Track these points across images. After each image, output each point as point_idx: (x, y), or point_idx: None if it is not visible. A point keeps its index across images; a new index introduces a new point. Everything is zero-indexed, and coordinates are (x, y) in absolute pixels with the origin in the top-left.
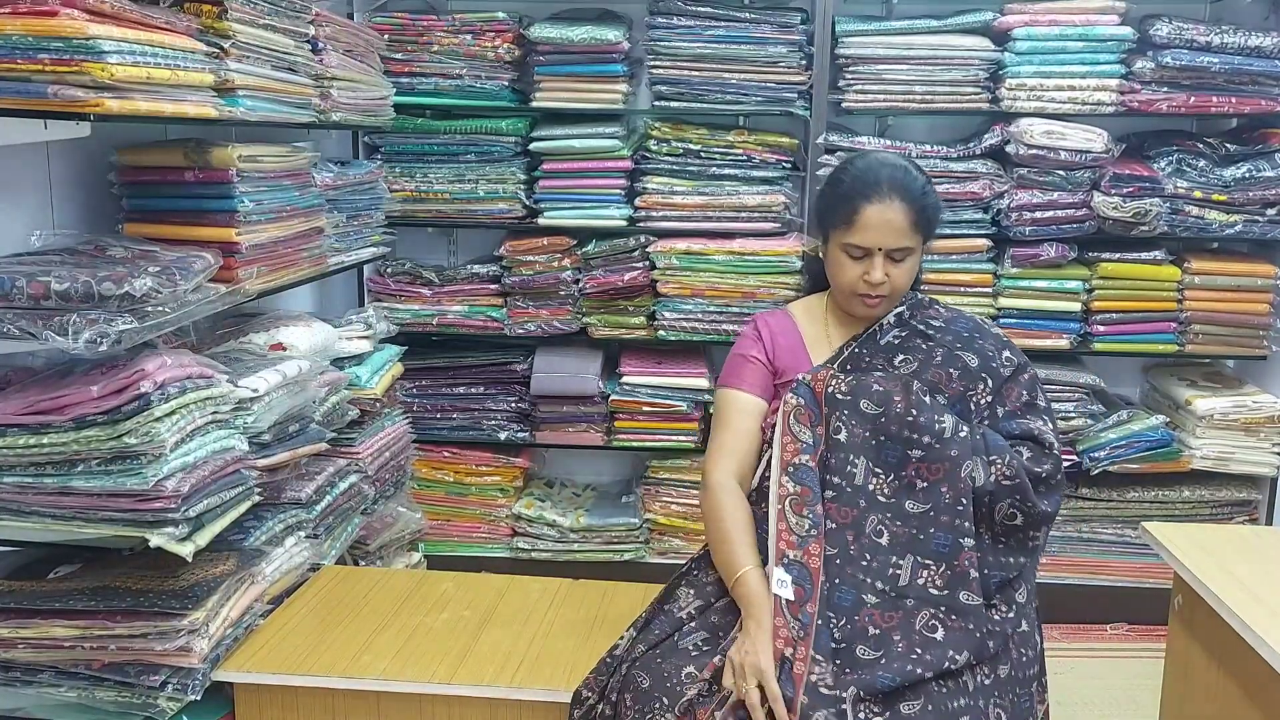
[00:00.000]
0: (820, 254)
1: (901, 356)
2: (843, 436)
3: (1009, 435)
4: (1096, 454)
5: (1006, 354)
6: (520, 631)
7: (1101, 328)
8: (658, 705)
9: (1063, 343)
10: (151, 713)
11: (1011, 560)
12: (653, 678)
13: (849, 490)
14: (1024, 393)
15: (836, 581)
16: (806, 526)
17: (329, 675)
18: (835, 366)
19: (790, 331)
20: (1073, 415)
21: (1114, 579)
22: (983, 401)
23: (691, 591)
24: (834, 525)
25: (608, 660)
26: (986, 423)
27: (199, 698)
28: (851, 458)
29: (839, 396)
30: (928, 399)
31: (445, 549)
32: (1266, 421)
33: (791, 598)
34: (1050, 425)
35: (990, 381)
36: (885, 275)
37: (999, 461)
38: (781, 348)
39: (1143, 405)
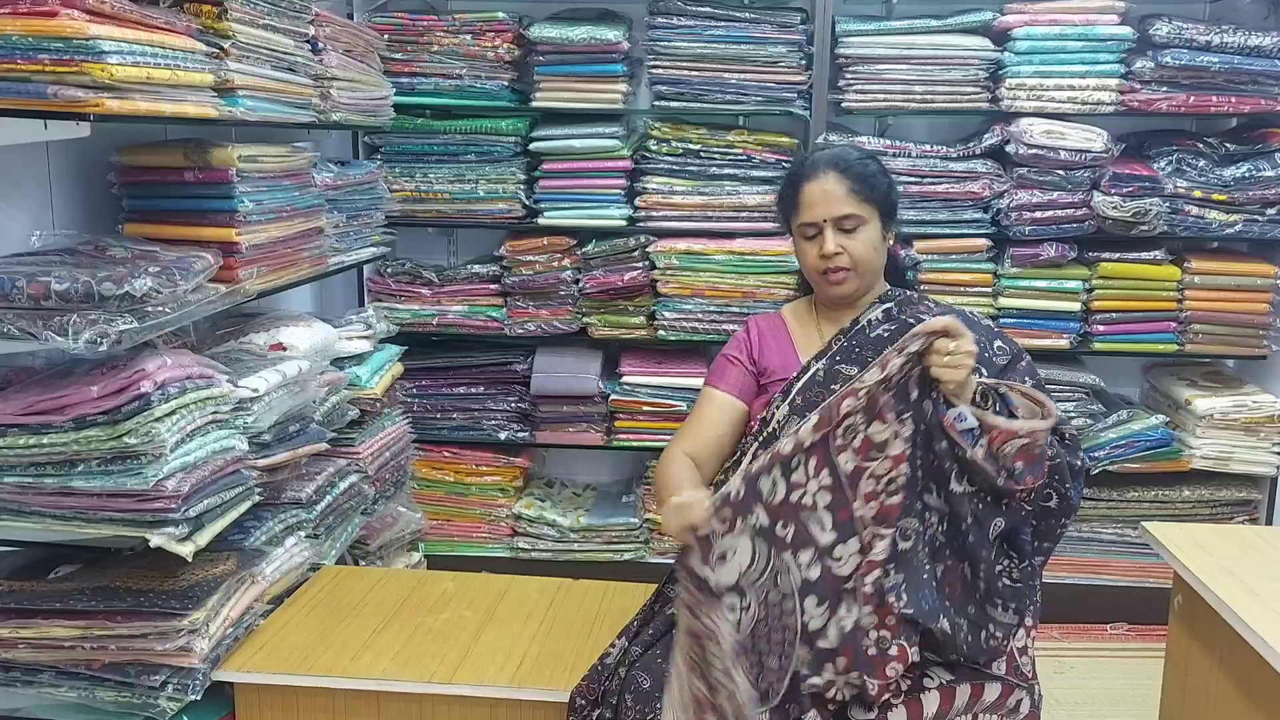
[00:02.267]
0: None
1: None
2: None
3: None
4: (1096, 454)
5: (998, 344)
6: (520, 631)
7: (1101, 327)
8: (659, 705)
9: (1063, 342)
10: (152, 713)
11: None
12: (654, 678)
13: None
14: (1026, 379)
15: None
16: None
17: (329, 675)
18: (825, 360)
19: (779, 332)
20: (1073, 415)
21: (1114, 579)
22: None
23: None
24: None
25: (599, 667)
26: None
27: (199, 698)
28: None
29: None
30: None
31: (445, 549)
32: (1266, 421)
33: (974, 425)
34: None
35: (984, 372)
36: (839, 247)
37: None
38: (769, 348)
39: (1143, 405)
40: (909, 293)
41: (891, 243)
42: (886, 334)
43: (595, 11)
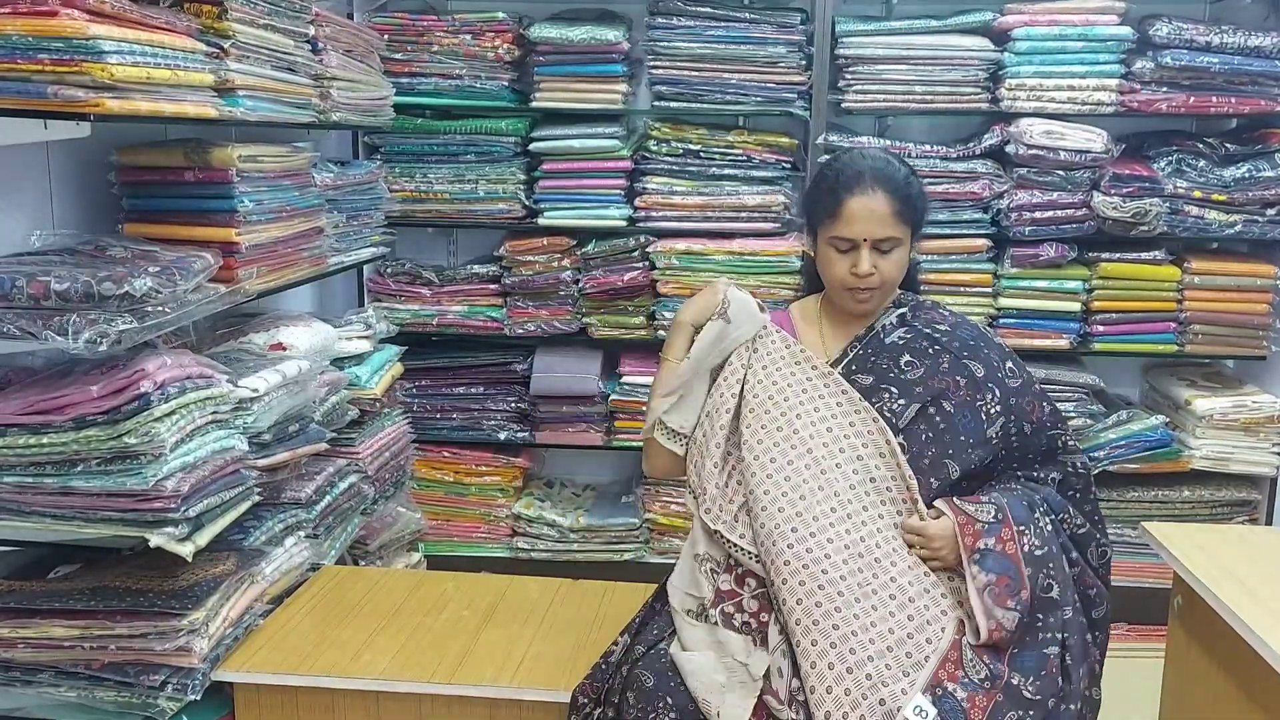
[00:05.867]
0: (811, 253)
1: (907, 358)
2: None
3: (1041, 450)
4: (1096, 454)
5: (1010, 365)
6: (520, 631)
7: (1101, 328)
8: (661, 705)
9: (1062, 343)
10: (151, 713)
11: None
12: (657, 676)
13: None
14: (1044, 404)
15: None
16: None
17: (329, 675)
18: (841, 369)
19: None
20: (1073, 415)
21: (1114, 579)
22: (992, 411)
23: None
24: None
25: (602, 665)
26: (1014, 438)
27: (199, 698)
28: None
29: None
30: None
31: (445, 549)
32: (1266, 421)
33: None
34: (1071, 430)
35: (998, 392)
36: (873, 267)
37: (1065, 518)
38: None
39: (1143, 405)
40: (920, 298)
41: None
42: (901, 341)
43: (595, 11)
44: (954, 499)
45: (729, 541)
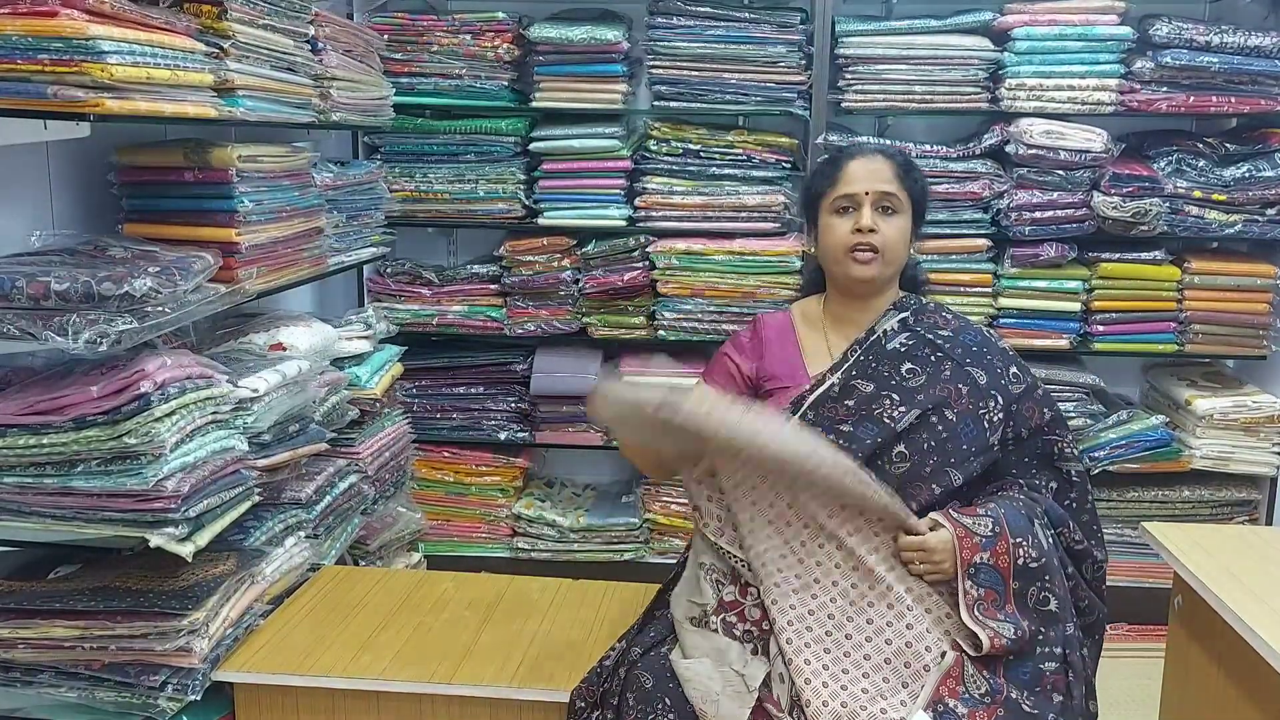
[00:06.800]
0: (811, 248)
1: (909, 365)
2: None
3: (1036, 454)
4: (1096, 454)
5: (1014, 370)
6: (520, 631)
7: (1101, 328)
8: (660, 705)
9: (1062, 343)
10: (151, 713)
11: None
12: (656, 678)
13: None
14: (1046, 410)
15: None
16: None
17: (329, 675)
18: (841, 374)
19: (787, 334)
20: (1073, 415)
21: (1114, 579)
22: (995, 419)
23: None
24: None
25: (598, 670)
26: (1010, 443)
27: (199, 698)
28: None
29: None
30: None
31: (445, 549)
32: (1266, 421)
33: None
34: (1071, 437)
35: (1000, 399)
36: (874, 225)
37: (1065, 531)
38: (774, 353)
39: (1143, 405)
40: (924, 300)
41: (913, 249)
42: (903, 347)
43: (595, 11)
44: (951, 511)
45: (733, 555)
